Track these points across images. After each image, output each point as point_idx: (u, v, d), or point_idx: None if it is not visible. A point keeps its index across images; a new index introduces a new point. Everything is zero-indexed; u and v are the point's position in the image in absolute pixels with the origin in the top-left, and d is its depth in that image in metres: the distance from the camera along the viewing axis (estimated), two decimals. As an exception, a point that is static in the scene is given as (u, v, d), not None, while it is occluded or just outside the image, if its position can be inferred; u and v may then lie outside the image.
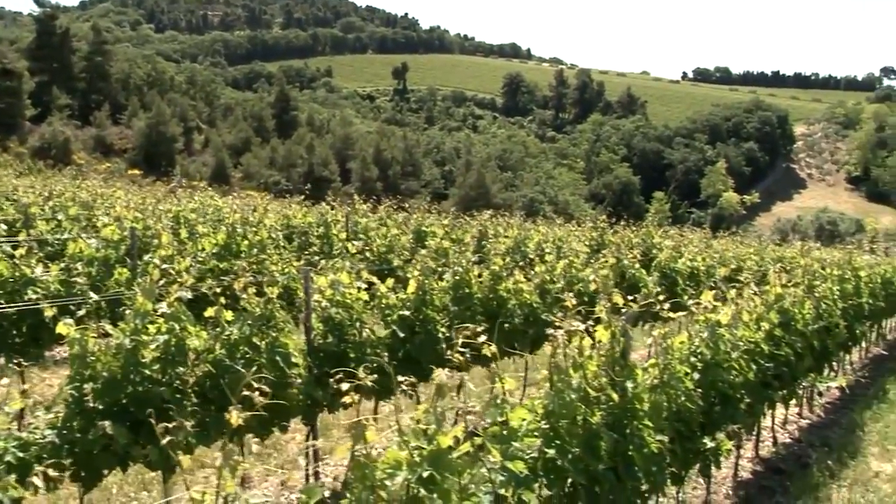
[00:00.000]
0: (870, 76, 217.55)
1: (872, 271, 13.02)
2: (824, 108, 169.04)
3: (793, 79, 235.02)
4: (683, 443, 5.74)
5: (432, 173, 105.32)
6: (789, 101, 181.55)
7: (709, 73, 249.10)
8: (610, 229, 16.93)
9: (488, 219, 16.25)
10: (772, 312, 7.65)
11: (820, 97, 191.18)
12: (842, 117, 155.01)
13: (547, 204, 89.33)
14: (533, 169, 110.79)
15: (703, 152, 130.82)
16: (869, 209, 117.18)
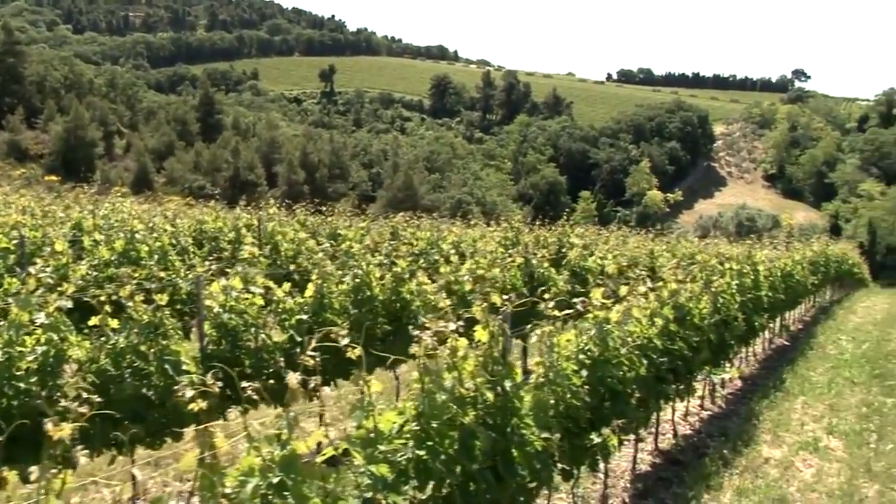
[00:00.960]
0: (783, 78, 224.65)
1: (773, 265, 13.39)
2: (742, 108, 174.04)
3: (712, 80, 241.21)
4: (572, 439, 5.81)
5: (360, 176, 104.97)
6: (709, 101, 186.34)
7: (632, 74, 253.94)
8: (525, 229, 17.06)
9: (400, 220, 16.21)
10: (665, 308, 7.79)
11: (737, 98, 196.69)
12: (758, 117, 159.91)
13: (475, 205, 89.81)
14: (461, 170, 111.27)
15: (627, 152, 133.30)
16: (784, 205, 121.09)
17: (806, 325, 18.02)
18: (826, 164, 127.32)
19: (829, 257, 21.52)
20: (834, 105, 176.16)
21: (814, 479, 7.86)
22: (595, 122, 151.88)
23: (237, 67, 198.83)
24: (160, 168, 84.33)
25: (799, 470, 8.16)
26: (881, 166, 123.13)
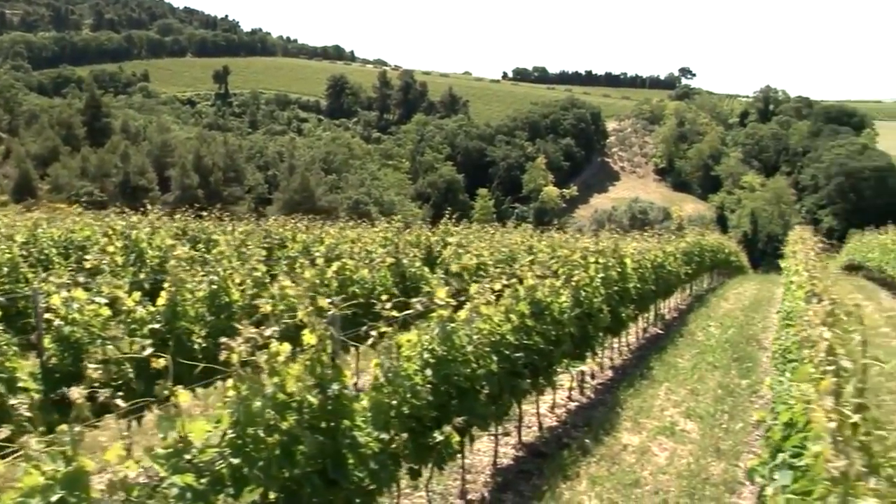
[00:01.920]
0: (670, 76, 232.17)
1: (642, 257, 13.81)
2: (632, 105, 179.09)
3: (604, 78, 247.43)
4: (417, 438, 5.86)
5: (256, 178, 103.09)
6: (601, 98, 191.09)
7: (527, 72, 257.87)
8: (405, 229, 17.14)
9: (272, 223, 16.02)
10: (521, 304, 7.94)
11: (628, 95, 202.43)
12: (648, 114, 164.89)
13: (373, 205, 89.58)
14: (358, 170, 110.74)
15: (523, 149, 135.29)
16: (674, 198, 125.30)
17: (681, 314, 18.64)
18: (711, 157, 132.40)
19: (704, 247, 22.36)
20: (718, 101, 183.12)
21: (667, 462, 8.15)
22: (491, 121, 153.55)
23: (126, 69, 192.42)
24: (44, 174, 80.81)
25: (654, 454, 8.45)
26: (761, 159, 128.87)
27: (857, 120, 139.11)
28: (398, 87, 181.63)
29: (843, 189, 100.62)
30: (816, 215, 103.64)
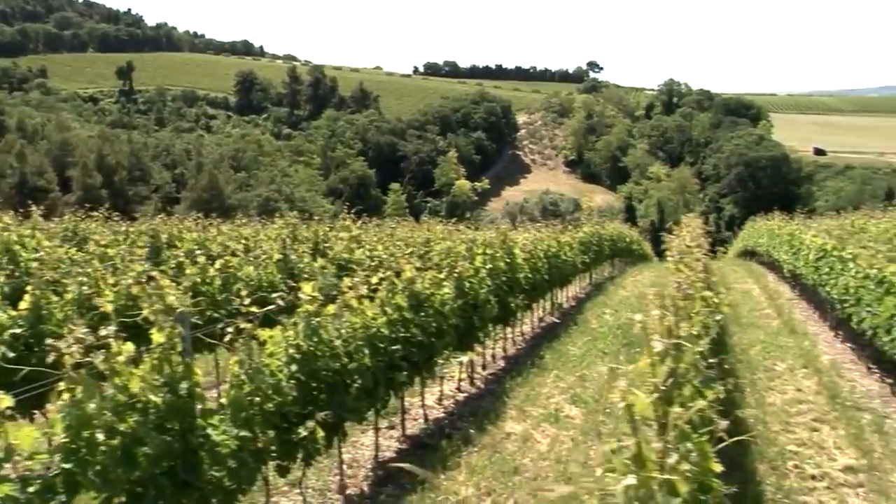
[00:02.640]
0: (579, 69, 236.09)
1: (534, 247, 14.01)
2: (542, 98, 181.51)
3: (514, 72, 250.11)
4: (282, 435, 5.82)
5: (163, 177, 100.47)
6: (512, 92, 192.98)
7: (438, 67, 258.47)
8: (303, 224, 16.98)
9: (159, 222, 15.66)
10: (398, 296, 7.95)
11: (538, 88, 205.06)
12: (557, 107, 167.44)
13: (283, 202, 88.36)
14: (268, 167, 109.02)
15: (435, 143, 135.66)
16: (584, 189, 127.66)
17: (579, 302, 18.99)
18: (619, 149, 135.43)
19: (603, 237, 22.84)
20: (624, 94, 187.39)
21: (548, 449, 8.29)
22: (403, 115, 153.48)
23: (22, 64, 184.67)
24: (-71, 177, 77.06)
25: (537, 441, 8.58)
26: (666, 150, 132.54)
27: (753, 112, 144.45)
28: (308, 82, 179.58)
29: (743, 178, 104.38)
30: (719, 203, 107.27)
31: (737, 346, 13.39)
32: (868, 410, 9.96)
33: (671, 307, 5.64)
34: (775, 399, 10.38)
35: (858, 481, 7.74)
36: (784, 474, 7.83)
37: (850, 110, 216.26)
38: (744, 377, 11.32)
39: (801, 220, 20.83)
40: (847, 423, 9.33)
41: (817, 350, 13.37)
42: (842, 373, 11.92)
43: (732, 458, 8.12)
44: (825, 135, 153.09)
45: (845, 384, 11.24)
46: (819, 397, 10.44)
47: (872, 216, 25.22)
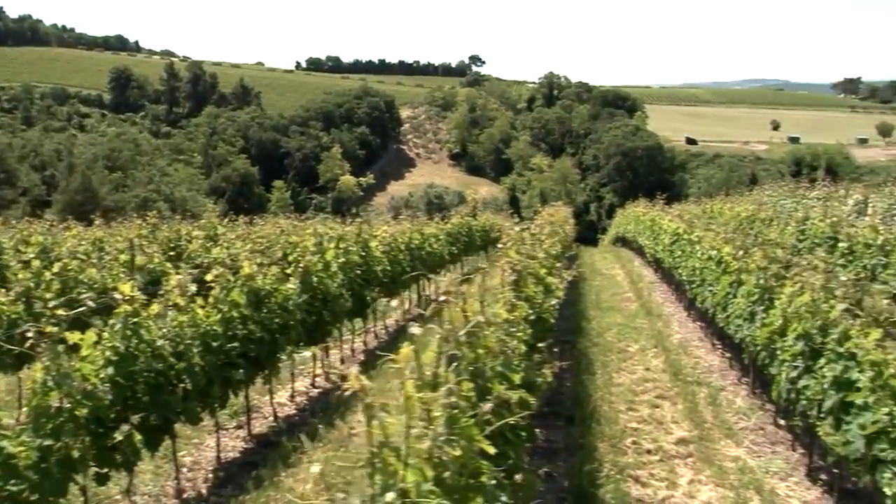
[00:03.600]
0: (462, 63, 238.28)
1: (394, 240, 14.02)
2: (426, 92, 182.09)
3: (398, 66, 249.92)
4: (98, 440, 5.61)
5: (31, 179, 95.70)
6: (395, 86, 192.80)
7: (321, 62, 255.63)
8: (163, 224, 16.50)
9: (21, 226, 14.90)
10: (234, 293, 7.80)
11: (422, 83, 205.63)
12: (441, 100, 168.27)
13: (163, 202, 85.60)
14: (146, 167, 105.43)
15: (318, 139, 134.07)
16: (469, 182, 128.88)
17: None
18: (502, 141, 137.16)
19: (474, 228, 23.09)
20: (506, 87, 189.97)
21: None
22: (285, 111, 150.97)
23: None
24: None
25: (385, 433, 8.59)
26: (548, 141, 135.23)
27: (630, 104, 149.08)
28: (187, 78, 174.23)
29: (621, 167, 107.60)
30: (599, 192, 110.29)
31: (594, 330, 13.78)
32: (706, 385, 10.44)
33: (479, 292, 5.74)
34: (624, 379, 10.74)
35: (688, 452, 8.10)
36: (622, 451, 8.11)
37: (719, 102, 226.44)
38: (597, 359, 11.66)
39: (661, 206, 21.62)
40: (686, 398, 9.75)
41: (670, 330, 13.92)
42: (689, 350, 12.45)
43: (575, 439, 8.38)
44: (696, 125, 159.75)
45: (690, 361, 11.75)
46: (664, 375, 10.86)
47: (729, 201, 26.45)
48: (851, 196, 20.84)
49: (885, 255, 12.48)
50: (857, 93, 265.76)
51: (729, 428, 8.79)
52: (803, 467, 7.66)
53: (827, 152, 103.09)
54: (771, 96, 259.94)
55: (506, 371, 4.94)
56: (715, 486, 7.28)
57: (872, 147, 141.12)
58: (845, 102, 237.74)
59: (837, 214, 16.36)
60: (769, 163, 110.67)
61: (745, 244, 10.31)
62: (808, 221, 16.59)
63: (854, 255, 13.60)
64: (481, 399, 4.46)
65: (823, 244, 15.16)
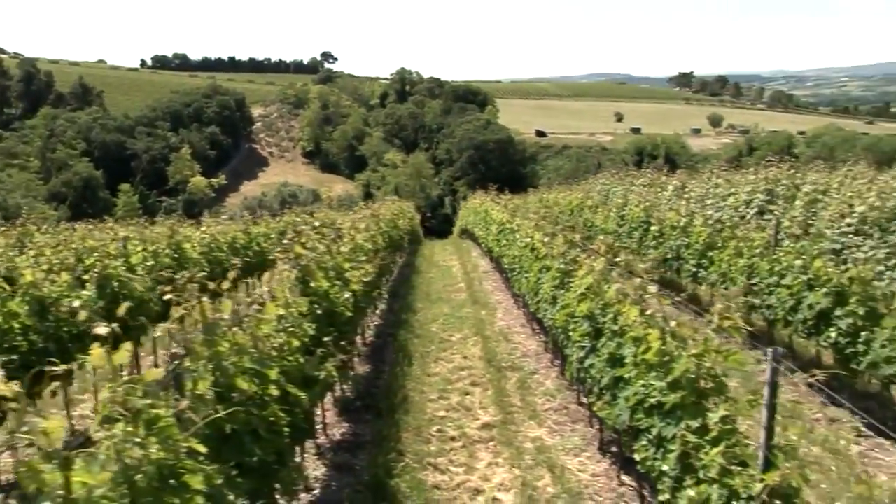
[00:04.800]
0: (314, 60, 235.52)
1: (215, 240, 13.68)
2: (277, 90, 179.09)
3: (248, 64, 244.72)
4: None
5: None
6: (246, 84, 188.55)
7: (168, 60, 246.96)
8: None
9: None
10: (14, 303, 7.39)
11: (273, 80, 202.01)
12: (293, 98, 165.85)
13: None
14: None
15: (166, 139, 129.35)
16: (323, 179, 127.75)
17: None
18: (356, 138, 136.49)
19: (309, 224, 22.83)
20: (359, 84, 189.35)
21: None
22: (130, 111, 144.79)
23: None
24: None
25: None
26: (401, 137, 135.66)
27: (481, 98, 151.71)
28: (19, 77, 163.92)
29: (474, 160, 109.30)
30: (453, 186, 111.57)
31: (419, 321, 13.91)
32: (520, 369, 10.73)
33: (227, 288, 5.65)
34: (441, 368, 10.89)
35: (491, 436, 8.30)
36: (427, 440, 8.21)
37: (566, 95, 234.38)
38: (416, 350, 11.76)
39: (492, 197, 22.08)
40: (497, 384, 9.99)
41: (494, 318, 14.23)
42: (510, 337, 12.76)
43: (380, 431, 8.41)
44: (545, 118, 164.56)
45: (509, 347, 12.05)
46: (481, 362, 11.08)
47: (564, 190, 27.34)
48: (671, 182, 21.93)
49: (686, 237, 13.21)
50: (690, 86, 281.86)
51: (534, 410, 9.06)
52: (597, 442, 7.99)
53: (665, 142, 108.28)
54: (615, 89, 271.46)
55: (258, 367, 4.89)
56: (511, 467, 7.48)
57: (705, 136, 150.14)
58: (680, 95, 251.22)
59: (651, 200, 17.19)
60: (613, 153, 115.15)
61: (553, 231, 10.64)
62: (626, 207, 17.35)
63: (664, 237, 14.35)
64: (224, 398, 4.39)
65: (639, 228, 15.92)
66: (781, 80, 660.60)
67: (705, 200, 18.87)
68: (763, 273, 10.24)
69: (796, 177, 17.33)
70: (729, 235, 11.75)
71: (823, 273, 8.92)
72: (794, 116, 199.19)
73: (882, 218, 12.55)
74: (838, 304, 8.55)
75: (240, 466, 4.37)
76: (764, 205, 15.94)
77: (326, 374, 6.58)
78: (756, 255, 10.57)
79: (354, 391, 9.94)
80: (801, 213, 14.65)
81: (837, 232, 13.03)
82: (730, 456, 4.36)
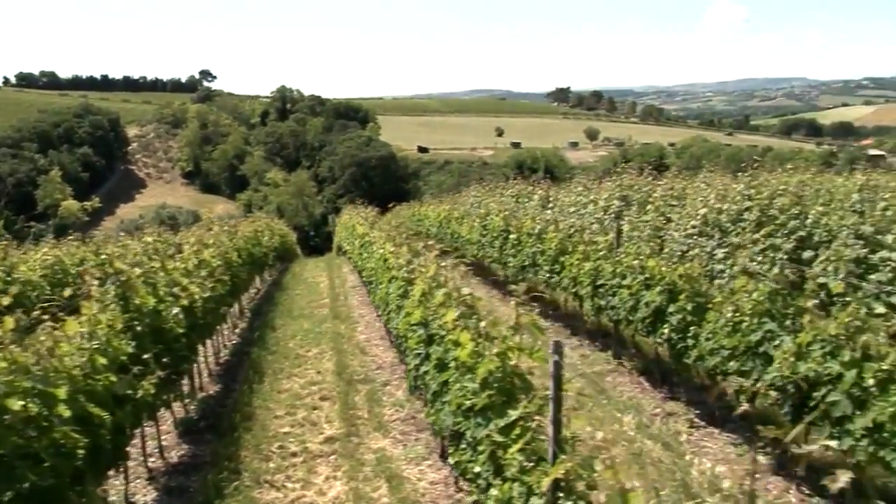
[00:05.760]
0: (192, 79, 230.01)
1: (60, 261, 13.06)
2: (154, 109, 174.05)
3: (122, 82, 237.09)
4: None
5: None
6: (121, 104, 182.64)
7: (34, 77, 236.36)
8: None
9: None
10: None
11: (150, 99, 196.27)
12: (171, 117, 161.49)
13: None
14: None
15: (34, 161, 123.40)
16: (204, 200, 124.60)
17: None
18: (236, 157, 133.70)
19: (169, 242, 22.13)
20: (239, 102, 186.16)
21: None
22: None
23: None
24: None
25: None
26: (282, 155, 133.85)
27: (362, 115, 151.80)
28: None
29: (356, 178, 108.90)
30: (336, 204, 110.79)
31: (277, 338, 13.61)
32: (372, 382, 10.60)
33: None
34: (293, 384, 10.64)
35: (333, 450, 8.13)
36: (267, 457, 7.97)
37: (448, 111, 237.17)
38: (270, 367, 11.48)
39: (357, 212, 21.96)
40: (345, 397, 9.83)
41: (354, 332, 14.05)
42: (368, 350, 12.62)
43: (218, 451, 8.12)
44: (427, 134, 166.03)
45: (365, 360, 11.91)
46: (334, 376, 10.90)
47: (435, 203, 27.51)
48: (537, 192, 22.35)
49: (541, 243, 13.43)
50: (567, 101, 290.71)
51: (380, 421, 8.95)
52: (440, 449, 7.93)
53: (544, 155, 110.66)
54: (495, 105, 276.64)
55: (42, 386, 4.59)
56: (349, 479, 7.34)
57: (583, 149, 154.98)
58: (558, 110, 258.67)
59: (510, 209, 17.44)
60: (494, 167, 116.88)
61: (400, 241, 10.60)
62: (488, 217, 17.54)
63: (521, 245, 14.54)
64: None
65: (499, 237, 16.11)
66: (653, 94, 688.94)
67: (568, 209, 19.29)
68: (607, 275, 10.47)
69: (651, 184, 17.92)
70: (578, 240, 11.98)
71: (658, 272, 9.18)
72: (665, 129, 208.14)
73: (721, 220, 13.10)
74: (671, 301, 8.81)
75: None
76: (619, 211, 16.39)
77: (144, 392, 6.28)
78: (600, 258, 10.81)
79: (199, 411, 9.60)
80: (652, 217, 15.12)
81: (683, 234, 13.53)
82: (528, 453, 4.36)
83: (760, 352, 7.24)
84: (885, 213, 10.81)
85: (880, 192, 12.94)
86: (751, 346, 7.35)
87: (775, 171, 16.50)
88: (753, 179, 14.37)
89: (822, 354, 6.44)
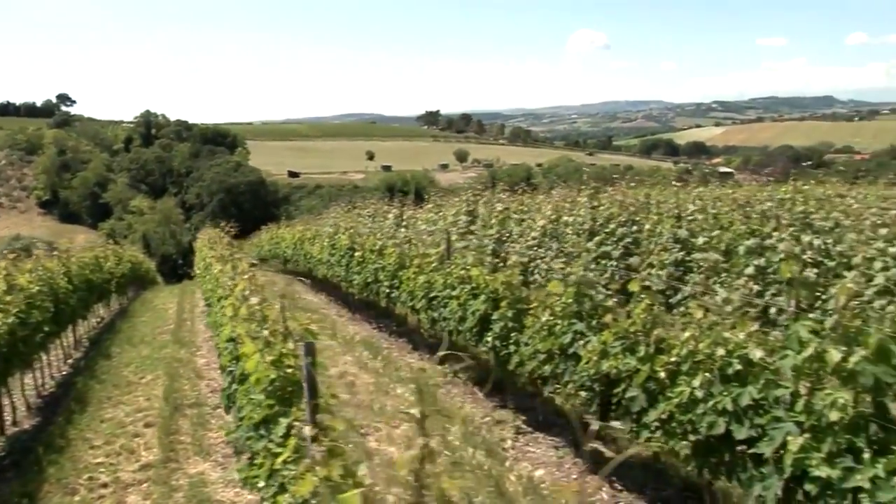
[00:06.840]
0: (48, 103, 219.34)
1: None
2: (6, 134, 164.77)
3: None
4: None
5: None
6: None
7: None
8: None
9: None
10: None
11: (1, 124, 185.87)
12: (25, 143, 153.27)
13: None
14: None
15: None
16: (63, 230, 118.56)
17: None
18: (98, 185, 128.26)
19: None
20: (100, 128, 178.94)
21: None
22: None
23: None
24: None
25: None
26: (148, 182, 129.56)
27: (230, 140, 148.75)
28: None
29: (225, 204, 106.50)
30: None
31: (112, 366, 13.04)
32: (202, 405, 10.28)
33: None
34: (119, 412, 10.19)
35: (147, 477, 7.80)
36: (74, 490, 7.56)
37: (318, 136, 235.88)
38: (96, 396, 10.96)
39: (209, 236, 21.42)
40: (170, 422, 9.47)
41: (195, 356, 13.62)
42: (205, 374, 12.25)
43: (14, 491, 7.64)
44: (298, 158, 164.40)
45: (200, 384, 11.56)
46: (163, 402, 10.48)
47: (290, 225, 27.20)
48: (391, 211, 22.40)
49: (382, 259, 13.41)
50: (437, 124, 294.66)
51: (201, 445, 8.64)
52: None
53: (415, 178, 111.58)
54: (366, 129, 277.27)
55: None
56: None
57: (453, 171, 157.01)
58: (428, 133, 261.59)
59: (356, 228, 17.41)
60: (365, 190, 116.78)
61: (227, 259, 10.34)
62: (336, 236, 17.42)
63: (365, 262, 14.49)
64: None
65: (346, 255, 16.01)
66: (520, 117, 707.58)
67: (420, 226, 19.40)
68: (439, 287, 10.53)
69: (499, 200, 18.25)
70: (414, 254, 12.02)
71: (482, 281, 9.29)
72: (532, 150, 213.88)
73: (560, 230, 13.46)
74: (495, 309, 8.91)
75: None
76: (465, 226, 16.60)
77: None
78: (433, 271, 10.86)
79: (7, 448, 9.03)
80: (497, 230, 15.37)
81: (524, 246, 13.81)
82: (298, 460, 4.25)
83: (570, 353, 7.40)
84: (698, 217, 11.38)
85: (716, 202, 13.65)
86: (563, 348, 7.51)
87: (632, 186, 17.13)
88: (595, 193, 14.84)
89: (622, 351, 6.64)
